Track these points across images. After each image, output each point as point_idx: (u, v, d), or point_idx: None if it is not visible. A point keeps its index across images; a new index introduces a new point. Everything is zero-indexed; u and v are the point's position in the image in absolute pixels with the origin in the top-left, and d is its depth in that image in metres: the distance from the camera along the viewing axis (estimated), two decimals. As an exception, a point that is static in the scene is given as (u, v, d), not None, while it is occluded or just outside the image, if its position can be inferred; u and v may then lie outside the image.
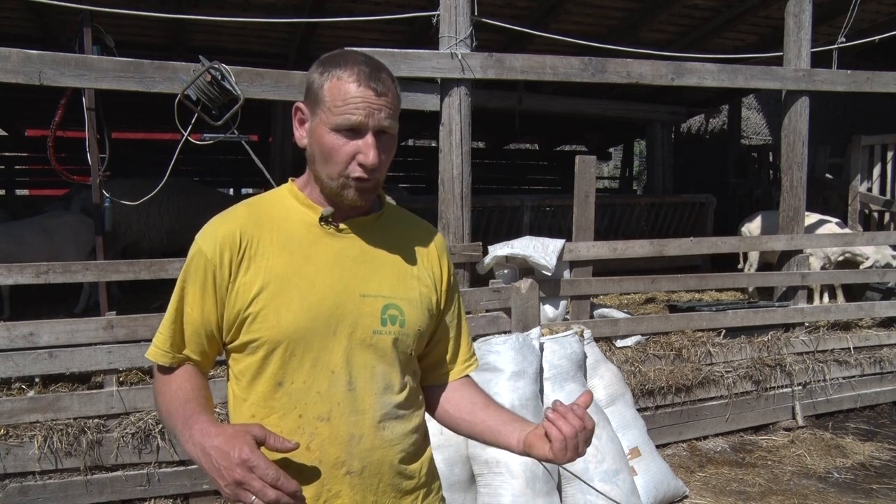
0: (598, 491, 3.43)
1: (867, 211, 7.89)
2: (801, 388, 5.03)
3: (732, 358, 4.88)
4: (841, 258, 6.28)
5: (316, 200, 1.34)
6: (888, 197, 7.65)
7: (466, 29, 4.29)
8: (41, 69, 3.54)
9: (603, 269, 5.23)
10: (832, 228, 6.38)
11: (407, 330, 1.34)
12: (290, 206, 1.35)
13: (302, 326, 1.26)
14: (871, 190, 7.88)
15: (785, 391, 4.99)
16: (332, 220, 1.32)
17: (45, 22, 6.01)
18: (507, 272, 4.75)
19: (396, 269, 1.36)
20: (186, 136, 3.90)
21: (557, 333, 3.97)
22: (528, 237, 4.62)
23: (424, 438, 1.44)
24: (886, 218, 7.69)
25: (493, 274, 4.70)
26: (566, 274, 4.65)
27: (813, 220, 6.42)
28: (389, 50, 4.25)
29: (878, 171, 7.86)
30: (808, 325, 5.33)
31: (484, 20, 4.45)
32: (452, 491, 3.35)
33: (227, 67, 3.79)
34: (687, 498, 3.89)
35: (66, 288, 6.01)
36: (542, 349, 3.80)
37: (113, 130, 5.26)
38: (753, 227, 7.11)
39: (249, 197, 1.42)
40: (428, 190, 10.60)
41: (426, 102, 4.36)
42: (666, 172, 9.67)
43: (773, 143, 12.63)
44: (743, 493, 3.96)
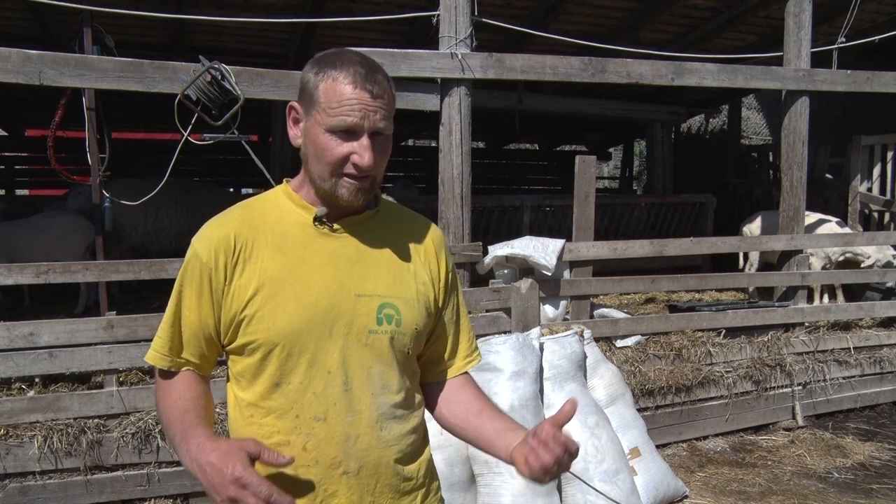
0: (598, 491, 3.43)
1: (867, 211, 7.88)
2: (801, 388, 5.03)
3: (732, 358, 4.88)
4: (842, 258, 6.27)
5: (311, 201, 1.34)
6: (888, 197, 7.65)
7: (466, 29, 4.29)
8: (41, 69, 3.54)
9: (603, 269, 5.23)
10: (832, 228, 6.37)
11: (403, 329, 1.33)
12: (284, 207, 1.35)
13: (297, 328, 1.26)
14: (871, 190, 7.87)
15: (785, 391, 4.99)
16: (326, 220, 1.32)
17: (45, 22, 6.01)
18: (507, 272, 4.75)
19: (393, 267, 1.36)
20: (186, 136, 3.90)
21: (557, 333, 3.97)
22: (528, 237, 4.62)
23: (423, 439, 1.44)
24: (886, 218, 7.69)
25: (493, 274, 4.70)
26: (566, 274, 4.65)
27: (813, 219, 6.41)
28: (389, 50, 4.25)
29: (878, 171, 7.85)
30: (808, 325, 5.32)
31: (484, 20, 4.45)
32: (452, 491, 3.35)
33: (227, 67, 3.79)
34: (687, 498, 3.89)
35: (65, 288, 6.01)
36: (542, 349, 3.80)
37: (113, 130, 5.26)
38: (754, 227, 7.10)
39: (249, 196, 1.43)
40: (428, 190, 10.57)
41: (426, 102, 4.36)
42: (666, 172, 9.67)
43: (773, 143, 12.63)
44: (743, 493, 3.96)
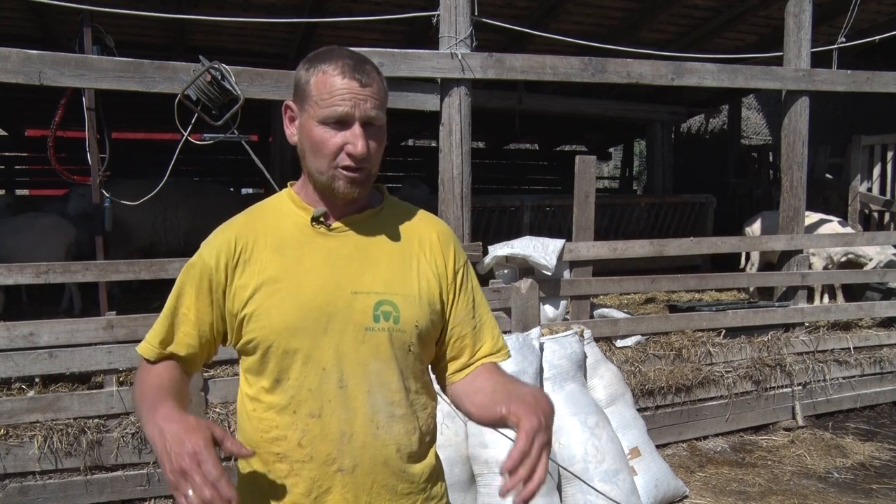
0: (598, 491, 3.43)
1: (867, 211, 7.88)
2: (801, 388, 5.03)
3: (732, 358, 4.88)
4: (844, 259, 6.27)
5: (310, 201, 1.36)
6: (888, 197, 7.65)
7: (466, 29, 4.29)
8: (41, 69, 3.54)
9: (603, 269, 5.23)
10: (834, 227, 6.35)
11: (402, 326, 1.32)
12: (286, 209, 1.38)
13: (292, 325, 1.28)
14: (871, 190, 7.87)
15: (785, 391, 4.99)
16: (324, 219, 1.34)
17: (45, 22, 6.01)
18: (507, 272, 4.75)
19: (394, 264, 1.35)
20: (186, 136, 3.90)
21: (557, 333, 3.97)
22: (528, 237, 4.62)
23: (429, 442, 1.42)
24: (886, 218, 7.69)
25: (493, 274, 4.70)
26: (566, 274, 4.65)
27: (814, 219, 6.41)
28: (389, 50, 4.25)
29: (878, 171, 7.85)
30: (808, 325, 5.32)
31: (484, 20, 4.45)
32: (452, 491, 3.35)
33: (227, 67, 3.79)
34: (687, 498, 3.89)
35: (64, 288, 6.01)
36: (542, 349, 3.79)
37: (113, 130, 5.25)
38: (756, 227, 7.10)
39: (249, 196, 1.44)
40: (432, 192, 10.52)
41: (426, 102, 4.36)
42: (666, 172, 9.67)
43: (773, 143, 12.62)
44: (743, 493, 3.96)
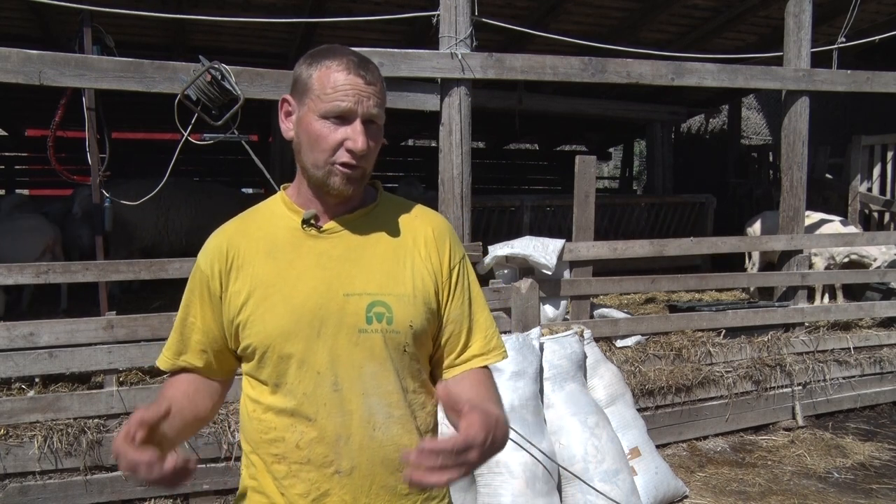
0: (598, 491, 3.43)
1: (867, 211, 7.88)
2: (801, 388, 5.03)
3: (732, 358, 4.88)
4: (846, 260, 6.25)
5: (303, 203, 1.35)
6: (888, 197, 7.65)
7: (466, 29, 4.28)
8: (41, 69, 3.54)
9: (603, 269, 5.22)
10: (836, 227, 6.33)
11: (396, 327, 1.29)
12: (278, 212, 1.37)
13: (286, 330, 1.28)
14: (871, 190, 7.87)
15: (785, 391, 4.99)
16: (315, 221, 1.33)
17: (45, 22, 6.01)
18: (507, 272, 4.75)
19: (387, 264, 1.33)
20: (186, 136, 3.90)
21: (557, 333, 3.97)
22: (528, 237, 4.62)
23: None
24: (886, 218, 7.68)
25: (493, 274, 4.70)
26: (566, 274, 4.65)
27: (815, 219, 6.40)
28: (389, 50, 4.25)
29: (878, 171, 7.85)
30: (808, 325, 5.32)
31: (484, 20, 4.45)
32: (452, 491, 3.34)
33: (227, 67, 3.78)
34: (687, 498, 3.89)
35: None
36: (542, 349, 3.79)
37: (113, 130, 5.25)
38: (757, 227, 7.09)
39: (250, 196, 1.44)
40: (428, 189, 10.54)
41: (426, 102, 4.35)
42: (666, 172, 9.66)
43: (773, 143, 12.62)
44: (743, 493, 3.96)
